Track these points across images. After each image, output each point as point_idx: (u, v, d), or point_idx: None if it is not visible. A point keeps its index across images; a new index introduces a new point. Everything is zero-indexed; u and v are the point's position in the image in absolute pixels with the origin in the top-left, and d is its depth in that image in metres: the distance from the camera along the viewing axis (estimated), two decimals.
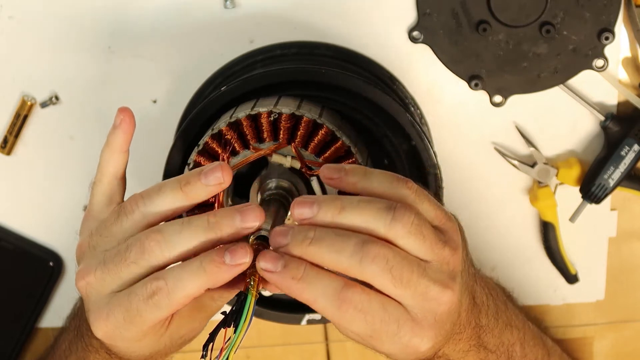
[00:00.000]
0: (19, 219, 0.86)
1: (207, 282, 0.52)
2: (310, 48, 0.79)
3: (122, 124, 0.60)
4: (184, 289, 0.52)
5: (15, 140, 0.82)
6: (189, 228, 0.53)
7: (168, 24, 0.79)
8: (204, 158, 0.66)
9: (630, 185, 0.83)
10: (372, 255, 0.51)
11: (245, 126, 0.65)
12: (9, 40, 0.79)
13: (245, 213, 0.53)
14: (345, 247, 0.51)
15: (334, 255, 0.51)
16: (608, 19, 0.77)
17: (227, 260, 0.51)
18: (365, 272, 0.51)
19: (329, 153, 0.65)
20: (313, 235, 0.52)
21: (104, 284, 0.54)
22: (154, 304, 0.52)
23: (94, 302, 0.55)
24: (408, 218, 0.52)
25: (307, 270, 0.52)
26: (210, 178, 0.54)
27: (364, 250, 0.51)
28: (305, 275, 0.51)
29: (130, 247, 0.54)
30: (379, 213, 0.52)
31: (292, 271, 0.51)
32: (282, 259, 0.52)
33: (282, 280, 0.51)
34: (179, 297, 0.52)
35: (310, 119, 0.64)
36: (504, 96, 0.80)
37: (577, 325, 0.92)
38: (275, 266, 0.51)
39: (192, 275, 0.52)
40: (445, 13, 0.77)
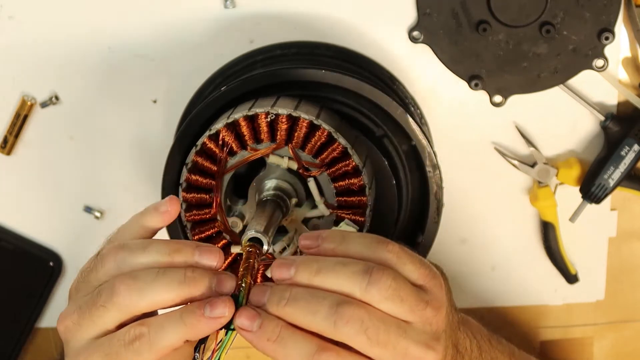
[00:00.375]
0: (19, 219, 0.86)
1: (186, 333, 0.51)
2: (310, 48, 0.79)
3: (164, 215, 0.58)
4: (165, 338, 0.51)
5: (15, 140, 0.82)
6: (163, 279, 0.52)
7: (168, 24, 0.79)
8: (202, 158, 0.66)
9: (630, 185, 0.83)
10: (347, 317, 0.50)
11: (242, 127, 0.65)
12: (9, 40, 0.79)
13: (221, 281, 0.53)
14: (319, 309, 0.51)
15: (309, 317, 0.51)
16: (608, 19, 0.77)
17: (206, 313, 0.51)
18: (341, 333, 0.51)
19: (325, 154, 0.65)
20: (289, 296, 0.52)
21: (81, 328, 0.54)
22: (135, 350, 0.51)
23: (72, 346, 0.54)
24: (385, 282, 0.52)
25: (282, 331, 0.51)
26: (205, 259, 0.53)
27: (338, 312, 0.51)
28: (280, 338, 0.51)
29: (101, 290, 0.53)
30: (355, 277, 0.52)
31: (267, 333, 0.51)
32: (259, 318, 0.51)
33: (257, 340, 0.51)
34: (160, 347, 0.51)
35: (308, 120, 0.64)
36: (504, 96, 0.80)
37: (577, 325, 0.92)
38: (251, 325, 0.51)
39: (174, 326, 0.51)
40: (445, 13, 0.77)
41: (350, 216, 0.67)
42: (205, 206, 0.68)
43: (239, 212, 0.70)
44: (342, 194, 0.67)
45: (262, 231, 0.59)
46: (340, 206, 0.67)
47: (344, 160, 0.66)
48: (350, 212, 0.67)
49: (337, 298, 0.51)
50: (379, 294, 0.52)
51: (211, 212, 0.68)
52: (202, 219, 0.69)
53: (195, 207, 0.68)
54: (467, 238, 0.88)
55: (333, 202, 0.67)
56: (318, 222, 0.68)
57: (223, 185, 0.67)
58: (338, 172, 0.66)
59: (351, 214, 0.67)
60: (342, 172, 0.66)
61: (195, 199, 0.67)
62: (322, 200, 0.67)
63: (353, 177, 0.66)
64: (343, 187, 0.67)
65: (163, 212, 0.57)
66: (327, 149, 0.66)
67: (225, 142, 0.65)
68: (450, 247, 0.88)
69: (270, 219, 0.62)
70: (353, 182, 0.66)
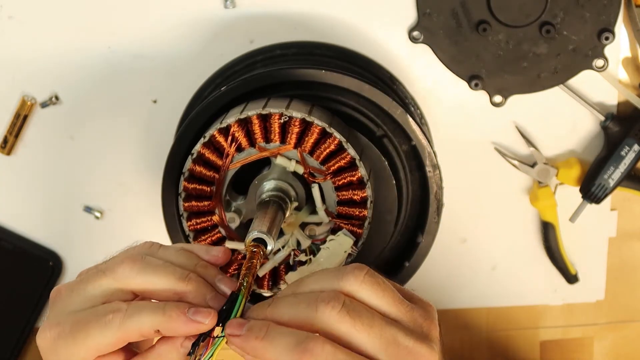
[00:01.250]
0: (19, 219, 0.86)
1: (162, 322, 0.52)
2: (310, 48, 0.79)
3: (211, 257, 0.57)
4: (139, 321, 0.52)
5: (15, 140, 0.82)
6: (166, 269, 0.54)
7: (168, 24, 0.79)
8: (208, 150, 0.66)
9: (630, 185, 0.83)
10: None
11: (255, 124, 0.65)
12: (9, 40, 0.79)
13: (215, 298, 0.53)
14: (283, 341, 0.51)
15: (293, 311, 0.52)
16: (608, 19, 0.77)
17: (188, 314, 0.52)
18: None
19: (333, 162, 0.65)
20: (266, 331, 0.51)
21: (72, 293, 0.55)
22: (105, 322, 0.52)
23: (54, 310, 0.55)
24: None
25: (270, 328, 0.51)
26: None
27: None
28: (268, 333, 0.51)
29: (107, 264, 0.55)
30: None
31: (255, 332, 0.51)
32: (247, 323, 0.52)
33: (246, 341, 0.51)
34: (130, 327, 0.52)
35: (320, 127, 0.64)
36: (504, 96, 0.80)
37: (577, 325, 0.92)
38: (240, 330, 0.52)
39: (152, 312, 0.52)
40: (445, 13, 0.77)
41: (348, 227, 0.67)
42: (205, 198, 0.68)
43: (237, 208, 0.69)
44: (344, 203, 0.67)
45: (266, 232, 0.59)
46: (340, 215, 0.67)
47: (351, 170, 0.66)
48: (349, 223, 0.67)
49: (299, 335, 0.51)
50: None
51: (210, 204, 0.68)
52: (200, 210, 0.68)
53: (194, 198, 0.68)
54: (467, 238, 0.88)
55: (334, 211, 0.67)
56: (315, 228, 0.68)
57: (226, 180, 0.67)
58: (343, 182, 0.66)
59: (350, 225, 0.67)
60: (347, 182, 0.66)
61: (196, 190, 0.67)
62: (324, 207, 0.67)
63: (357, 189, 0.66)
64: (346, 197, 0.66)
65: (213, 255, 0.58)
66: (336, 158, 0.65)
67: (234, 137, 0.65)
68: (450, 247, 0.88)
69: (273, 220, 0.62)
70: (356, 194, 0.66)
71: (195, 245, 0.60)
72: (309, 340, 0.50)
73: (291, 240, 0.68)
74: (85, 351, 0.53)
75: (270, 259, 0.68)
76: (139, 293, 0.55)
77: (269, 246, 0.58)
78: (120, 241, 0.87)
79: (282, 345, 0.50)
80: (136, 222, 0.86)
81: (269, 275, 0.69)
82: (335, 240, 0.65)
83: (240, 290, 0.53)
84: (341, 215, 0.67)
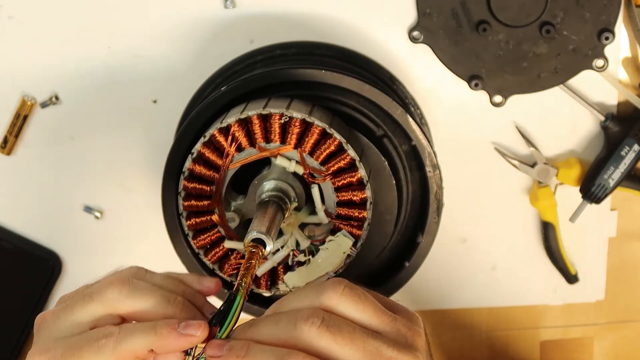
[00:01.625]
0: (19, 219, 0.86)
1: (153, 342, 0.52)
2: (310, 48, 0.79)
3: (204, 288, 0.58)
4: (132, 342, 0.52)
5: (15, 140, 0.82)
6: (156, 293, 0.55)
7: (168, 24, 0.79)
8: (208, 150, 0.66)
9: (630, 185, 0.83)
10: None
11: (255, 124, 0.65)
12: (9, 40, 0.79)
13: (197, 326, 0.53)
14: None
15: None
16: (608, 19, 0.77)
17: (179, 329, 0.52)
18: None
19: (333, 163, 0.65)
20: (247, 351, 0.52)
21: (58, 319, 0.55)
22: (98, 347, 0.52)
23: (41, 336, 0.55)
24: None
25: (250, 346, 0.52)
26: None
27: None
28: (249, 351, 0.51)
29: (92, 288, 0.55)
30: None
31: (236, 351, 0.51)
32: (228, 343, 0.52)
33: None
34: (124, 350, 0.52)
35: (321, 128, 0.64)
36: (504, 96, 0.80)
37: (577, 325, 0.92)
38: (221, 350, 0.52)
39: (144, 332, 0.52)
40: (445, 13, 0.77)
41: (347, 228, 0.67)
42: (204, 197, 0.68)
43: (237, 207, 0.70)
44: (343, 204, 0.67)
45: (265, 232, 0.59)
46: (340, 216, 0.67)
47: (350, 171, 0.66)
48: (348, 224, 0.67)
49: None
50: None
51: (209, 204, 0.68)
52: (200, 210, 0.69)
53: (194, 197, 0.68)
54: (467, 238, 0.88)
55: (333, 212, 0.67)
56: (314, 229, 0.68)
57: (226, 179, 0.67)
58: (343, 183, 0.66)
59: (349, 226, 0.67)
60: (347, 183, 0.66)
61: (196, 190, 0.67)
62: (323, 208, 0.67)
63: (357, 190, 0.66)
64: (346, 198, 0.66)
65: (205, 286, 0.58)
66: (336, 158, 0.65)
67: (235, 137, 0.65)
68: (450, 247, 0.88)
69: (272, 220, 0.62)
70: (356, 195, 0.66)
71: (187, 275, 0.60)
72: (289, 355, 0.50)
73: (290, 241, 0.68)
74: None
75: (269, 259, 0.68)
76: (127, 317, 0.55)
77: (267, 247, 0.58)
78: (120, 241, 0.87)
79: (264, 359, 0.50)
80: (136, 222, 0.86)
81: (267, 276, 0.69)
82: (335, 241, 0.65)
83: (239, 290, 0.53)
84: (340, 216, 0.67)
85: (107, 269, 0.90)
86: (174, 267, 0.73)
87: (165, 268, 0.87)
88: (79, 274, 0.88)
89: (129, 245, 0.88)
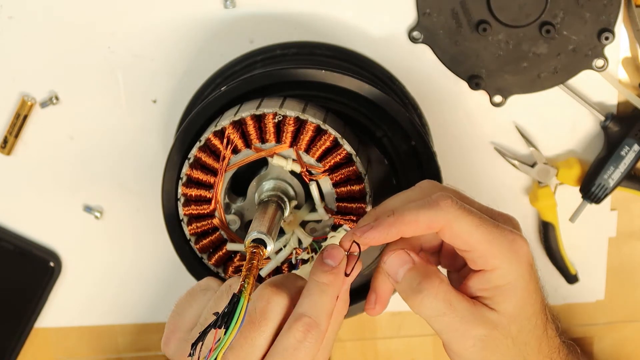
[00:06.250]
0: (19, 219, 0.86)
1: (334, 287, 0.56)
2: (310, 48, 0.79)
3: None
4: (326, 310, 0.55)
5: (15, 140, 0.82)
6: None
7: (168, 24, 0.79)
8: (205, 154, 0.66)
9: (630, 185, 0.83)
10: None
11: (249, 125, 0.65)
12: (9, 40, 0.79)
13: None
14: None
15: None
16: (608, 19, 0.77)
17: (329, 263, 0.56)
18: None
19: (329, 158, 0.66)
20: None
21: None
22: (309, 340, 0.54)
23: None
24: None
25: (395, 209, 0.57)
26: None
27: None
28: (396, 210, 0.57)
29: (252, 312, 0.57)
30: (419, 208, 0.57)
31: (385, 214, 0.57)
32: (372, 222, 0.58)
33: (379, 224, 0.57)
34: (326, 323, 0.54)
35: (315, 124, 0.65)
36: (504, 96, 0.80)
37: (577, 325, 0.92)
38: (369, 225, 0.57)
39: (317, 293, 0.55)
40: (445, 13, 0.77)
41: (348, 223, 0.67)
42: (204, 201, 0.68)
43: (237, 209, 0.70)
44: (342, 199, 0.67)
45: (265, 232, 0.59)
46: (340, 212, 0.67)
47: (348, 166, 0.66)
48: (348, 219, 0.67)
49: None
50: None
51: (210, 207, 0.68)
52: (200, 214, 0.69)
53: (193, 202, 0.68)
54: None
55: (333, 207, 0.67)
56: (316, 226, 0.68)
57: (224, 182, 0.67)
58: (340, 177, 0.66)
59: (350, 221, 0.67)
60: (344, 178, 0.66)
61: (195, 195, 0.67)
62: (323, 204, 0.67)
63: (355, 184, 0.66)
64: (344, 192, 0.66)
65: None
66: (332, 154, 0.66)
67: (230, 140, 0.65)
68: None
69: (272, 220, 0.62)
70: (354, 189, 0.66)
71: None
72: (435, 194, 0.57)
73: (292, 239, 0.68)
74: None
75: (273, 259, 0.68)
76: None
77: (268, 246, 0.58)
78: (120, 241, 0.87)
79: (414, 207, 0.56)
80: (136, 222, 0.86)
81: (271, 275, 0.69)
82: (336, 237, 0.65)
83: (242, 291, 0.53)
84: (341, 212, 0.67)
85: (107, 269, 0.90)
86: (175, 267, 0.73)
87: (165, 268, 0.88)
88: (79, 274, 0.88)
89: (129, 245, 0.88)
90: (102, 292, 0.90)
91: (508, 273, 0.57)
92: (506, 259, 0.57)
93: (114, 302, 0.90)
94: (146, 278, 0.89)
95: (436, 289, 0.57)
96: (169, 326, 0.59)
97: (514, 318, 0.58)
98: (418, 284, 0.57)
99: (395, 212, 0.56)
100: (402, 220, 0.56)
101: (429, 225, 0.56)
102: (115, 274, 0.89)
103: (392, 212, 0.57)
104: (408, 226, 0.56)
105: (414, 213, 0.56)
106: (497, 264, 0.57)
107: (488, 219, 0.57)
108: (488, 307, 0.58)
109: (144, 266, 0.88)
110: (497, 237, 0.57)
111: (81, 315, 0.91)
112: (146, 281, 0.89)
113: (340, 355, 0.94)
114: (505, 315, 0.58)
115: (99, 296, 0.90)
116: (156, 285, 0.88)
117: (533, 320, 0.59)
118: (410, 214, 0.56)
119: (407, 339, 0.93)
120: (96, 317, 0.91)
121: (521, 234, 0.59)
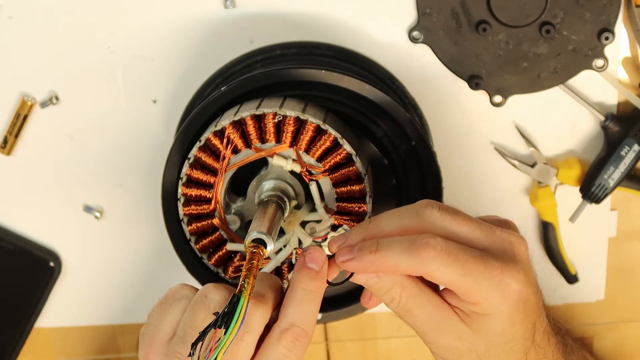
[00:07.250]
0: (19, 219, 0.86)
1: (319, 293, 0.56)
2: (310, 48, 0.79)
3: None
4: (314, 318, 0.55)
5: (15, 140, 0.82)
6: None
7: (168, 23, 0.79)
8: (205, 154, 0.66)
9: (630, 185, 0.83)
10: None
11: (249, 125, 0.65)
12: (9, 40, 0.79)
13: None
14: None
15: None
16: (608, 19, 0.77)
17: (313, 267, 0.56)
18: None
19: (329, 158, 0.66)
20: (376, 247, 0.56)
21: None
22: (297, 348, 0.54)
23: None
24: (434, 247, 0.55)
25: (379, 241, 0.55)
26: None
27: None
28: (380, 245, 0.55)
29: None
30: (403, 250, 0.55)
31: (367, 248, 0.55)
32: (355, 246, 0.56)
33: (360, 260, 0.55)
34: (313, 329, 0.54)
35: (315, 124, 0.65)
36: (504, 96, 0.80)
37: (577, 325, 0.92)
38: (352, 253, 0.56)
39: (305, 300, 0.55)
40: (445, 13, 0.77)
41: (348, 223, 0.67)
42: (204, 201, 0.68)
43: (237, 209, 0.70)
44: (342, 199, 0.67)
45: (265, 232, 0.59)
46: (340, 212, 0.67)
47: (348, 166, 0.66)
48: (348, 219, 0.67)
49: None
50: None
51: (209, 207, 0.68)
52: (200, 214, 0.69)
53: (193, 202, 0.68)
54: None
55: (333, 207, 0.67)
56: (316, 226, 0.68)
57: (224, 182, 0.67)
58: (340, 178, 0.66)
59: (349, 221, 0.67)
60: (344, 178, 0.66)
61: (195, 194, 0.67)
62: (323, 204, 0.67)
63: (355, 184, 0.66)
64: (344, 192, 0.67)
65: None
66: (332, 154, 0.66)
67: (230, 140, 0.65)
68: None
69: (272, 220, 0.62)
70: (354, 189, 0.66)
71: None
72: (421, 237, 0.55)
73: (292, 239, 0.68)
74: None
75: (273, 259, 0.68)
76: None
77: (268, 246, 0.58)
78: (120, 241, 0.87)
79: (397, 249, 0.55)
80: (136, 222, 0.86)
81: None
82: None
83: (242, 291, 0.53)
84: (341, 212, 0.67)
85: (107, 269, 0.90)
86: (175, 268, 0.73)
87: (165, 268, 0.88)
88: (79, 274, 0.88)
89: (129, 245, 0.88)
90: (102, 292, 0.90)
91: (489, 307, 0.56)
92: (491, 297, 0.55)
93: (114, 302, 0.90)
94: (146, 278, 0.89)
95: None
96: (145, 339, 0.58)
97: (486, 339, 0.57)
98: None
99: (379, 248, 0.55)
100: (383, 262, 0.55)
101: (409, 272, 0.56)
102: (115, 274, 0.89)
103: (376, 245, 0.55)
104: (388, 269, 0.56)
105: (397, 257, 0.55)
106: (480, 300, 0.56)
107: (474, 261, 0.55)
108: (461, 320, 0.57)
109: (144, 266, 0.88)
110: (483, 281, 0.55)
111: (81, 315, 0.91)
112: (146, 281, 0.89)
113: (340, 355, 0.94)
114: (476, 333, 0.57)
115: (99, 296, 0.90)
116: (156, 285, 0.88)
117: (509, 345, 0.57)
118: (393, 258, 0.55)
119: (407, 339, 0.93)
120: (96, 317, 0.91)
121: (516, 260, 0.58)
